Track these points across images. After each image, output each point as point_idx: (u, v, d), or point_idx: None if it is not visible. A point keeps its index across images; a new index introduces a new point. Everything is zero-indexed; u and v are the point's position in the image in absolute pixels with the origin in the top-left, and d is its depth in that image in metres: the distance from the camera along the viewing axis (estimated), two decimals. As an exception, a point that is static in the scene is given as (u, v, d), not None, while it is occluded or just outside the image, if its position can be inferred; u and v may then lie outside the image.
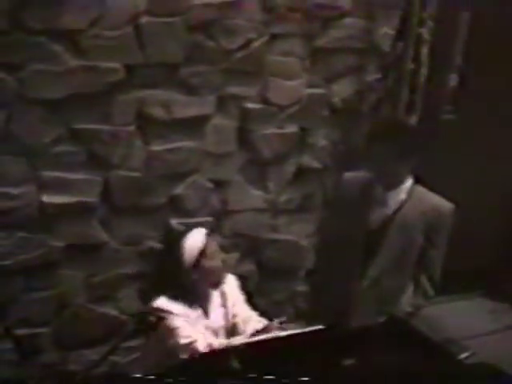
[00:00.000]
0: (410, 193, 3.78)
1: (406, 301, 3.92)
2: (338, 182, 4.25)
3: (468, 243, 5.28)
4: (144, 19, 3.91)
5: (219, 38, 4.12)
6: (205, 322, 3.60)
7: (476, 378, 3.24)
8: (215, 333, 3.62)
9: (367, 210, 3.82)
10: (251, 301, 3.84)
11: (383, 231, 3.80)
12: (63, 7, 3.70)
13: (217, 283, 3.64)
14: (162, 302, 3.48)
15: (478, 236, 5.37)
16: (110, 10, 3.80)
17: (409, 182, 3.79)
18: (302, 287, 4.86)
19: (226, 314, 3.69)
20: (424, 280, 3.91)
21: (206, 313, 3.63)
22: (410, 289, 3.91)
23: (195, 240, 3.57)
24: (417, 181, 3.85)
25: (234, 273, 3.87)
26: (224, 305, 3.69)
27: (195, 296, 3.60)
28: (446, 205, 3.84)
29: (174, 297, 3.53)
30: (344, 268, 3.93)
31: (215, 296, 3.68)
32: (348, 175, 3.98)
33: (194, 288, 3.59)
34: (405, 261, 3.85)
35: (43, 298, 4.10)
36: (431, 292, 3.93)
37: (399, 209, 3.77)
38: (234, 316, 3.70)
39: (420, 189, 3.82)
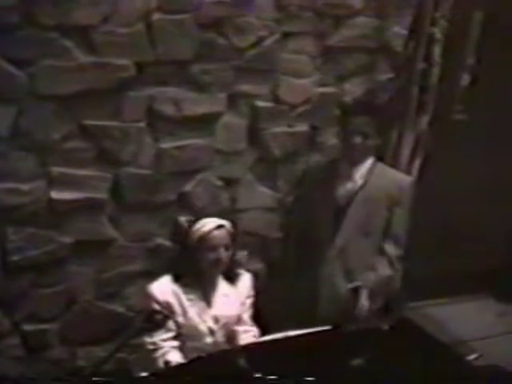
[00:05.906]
0: (373, 168, 4.07)
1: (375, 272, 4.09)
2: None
3: (478, 244, 5.28)
4: (155, 16, 3.91)
5: (231, 35, 4.11)
6: (204, 306, 3.64)
7: (483, 379, 3.24)
8: (216, 320, 3.65)
9: (333, 184, 4.07)
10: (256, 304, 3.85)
11: (349, 203, 4.05)
12: (75, 3, 3.70)
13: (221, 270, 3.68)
14: (156, 286, 3.61)
15: (487, 237, 5.36)
16: (121, 6, 3.80)
17: (371, 159, 4.07)
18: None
19: (230, 306, 3.70)
20: (389, 251, 4.10)
21: (209, 299, 3.66)
22: (377, 260, 4.10)
23: (202, 225, 3.61)
24: (378, 159, 4.15)
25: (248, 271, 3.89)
26: (232, 297, 3.71)
27: (200, 279, 3.65)
28: (405, 178, 4.22)
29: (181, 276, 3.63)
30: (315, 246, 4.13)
31: (223, 285, 3.70)
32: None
33: (198, 270, 3.64)
34: (368, 230, 4.07)
35: (51, 294, 4.11)
36: (396, 262, 4.12)
37: (364, 183, 4.04)
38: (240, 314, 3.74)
39: (381, 165, 4.15)
